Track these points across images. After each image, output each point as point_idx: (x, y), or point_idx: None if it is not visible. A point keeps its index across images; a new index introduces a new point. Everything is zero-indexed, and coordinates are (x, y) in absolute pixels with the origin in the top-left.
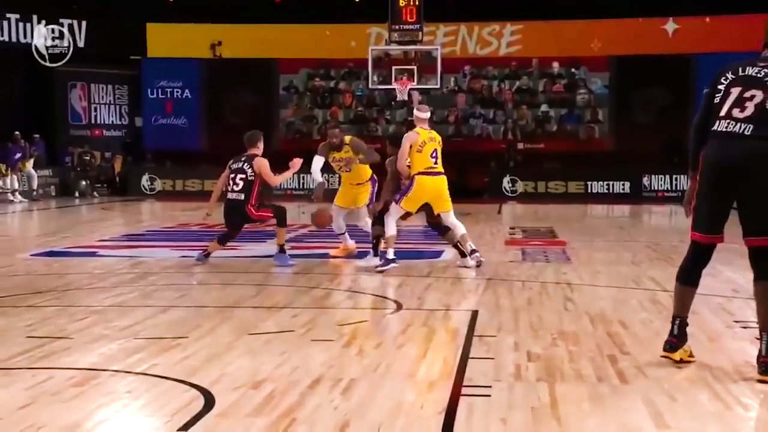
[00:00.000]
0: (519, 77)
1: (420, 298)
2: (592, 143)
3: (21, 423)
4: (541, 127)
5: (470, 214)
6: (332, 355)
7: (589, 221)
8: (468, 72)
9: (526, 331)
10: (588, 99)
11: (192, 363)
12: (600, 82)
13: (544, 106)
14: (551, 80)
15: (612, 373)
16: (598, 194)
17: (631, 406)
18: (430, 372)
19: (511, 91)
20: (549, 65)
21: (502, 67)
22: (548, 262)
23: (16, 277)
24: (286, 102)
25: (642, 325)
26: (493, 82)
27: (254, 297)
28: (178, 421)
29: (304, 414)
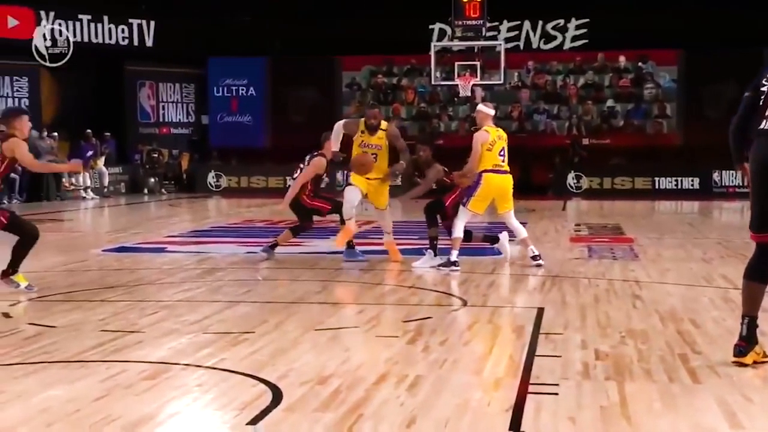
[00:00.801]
0: (584, 72)
1: (485, 295)
2: (659, 138)
3: (96, 414)
4: (606, 123)
5: (534, 210)
6: (397, 352)
7: (657, 218)
8: (532, 67)
9: (593, 329)
10: (656, 93)
11: (259, 358)
12: (668, 76)
13: (610, 101)
14: (617, 75)
15: (683, 372)
16: (666, 190)
17: (704, 406)
18: (497, 369)
19: (576, 86)
20: (615, 59)
21: (566, 62)
22: (615, 259)
23: (89, 272)
24: (349, 99)
25: (714, 323)
26: (557, 78)
27: (319, 293)
28: (247, 416)
29: (371, 410)
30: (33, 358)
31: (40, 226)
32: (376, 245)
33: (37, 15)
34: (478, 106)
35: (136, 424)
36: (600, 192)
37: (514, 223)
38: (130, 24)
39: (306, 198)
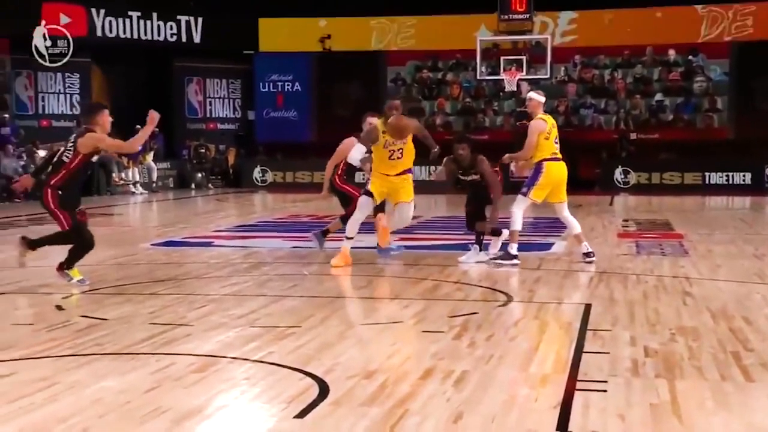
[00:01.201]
0: (632, 66)
1: (531, 291)
2: (710, 132)
3: (147, 406)
4: (655, 117)
5: (581, 205)
6: (443, 347)
7: (707, 213)
8: (579, 61)
9: (642, 326)
10: (706, 87)
11: (306, 352)
12: (719, 69)
13: (659, 95)
14: (667, 68)
15: (736, 370)
16: (717, 185)
17: (758, 405)
18: (544, 365)
19: (624, 80)
20: (665, 53)
21: (614, 56)
22: (664, 255)
23: (138, 266)
24: (394, 94)
25: (767, 320)
26: (604, 72)
27: (365, 287)
28: (294, 409)
29: (417, 405)
30: (85, 350)
31: (91, 220)
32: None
33: (88, 12)
34: (529, 93)
35: (185, 416)
36: (648, 187)
37: (568, 216)
38: (179, 20)
39: (337, 179)
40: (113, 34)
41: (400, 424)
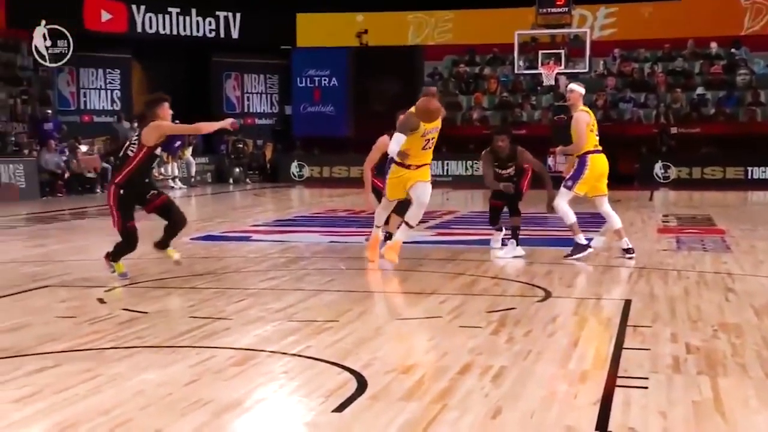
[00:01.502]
0: (673, 59)
1: (569, 286)
2: (753, 126)
3: (188, 398)
4: (696, 111)
5: (620, 200)
6: (481, 342)
7: (750, 208)
8: (618, 55)
9: (683, 322)
10: (749, 80)
11: (344, 346)
12: (762, 62)
13: (700, 88)
14: (708, 61)
15: None
16: (760, 180)
17: None
18: (583, 361)
19: (664, 74)
20: (706, 45)
21: (654, 49)
22: (706, 251)
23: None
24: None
25: None
26: (644, 65)
27: (402, 282)
28: (333, 403)
29: (455, 400)
30: (127, 343)
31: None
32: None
33: (128, 8)
34: (570, 85)
35: (225, 409)
36: (689, 182)
37: (609, 210)
38: (217, 16)
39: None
40: (153, 30)
41: (438, 419)
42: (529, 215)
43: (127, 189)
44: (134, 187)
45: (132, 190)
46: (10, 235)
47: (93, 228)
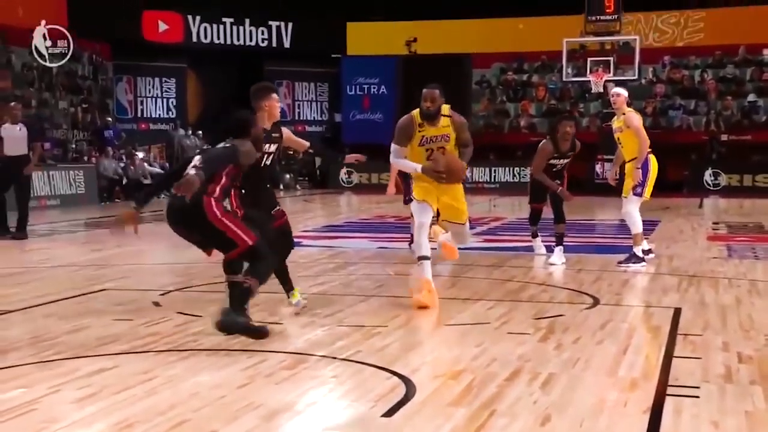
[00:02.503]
0: (724, 66)
1: (618, 294)
2: None
3: (241, 401)
4: (747, 118)
5: (669, 208)
6: (529, 349)
7: None
8: (668, 62)
9: (735, 331)
10: None
11: (392, 351)
12: None
13: (751, 95)
14: (760, 68)
15: None
16: None
17: None
18: (633, 369)
19: (715, 81)
20: (759, 52)
21: (705, 56)
22: (757, 259)
23: None
24: (479, 96)
25: None
26: (694, 72)
27: (450, 288)
28: (382, 408)
29: (504, 406)
30: (182, 346)
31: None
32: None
33: (185, 19)
34: (615, 89)
35: (276, 412)
36: (740, 189)
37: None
38: (270, 26)
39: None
40: (208, 40)
41: (487, 425)
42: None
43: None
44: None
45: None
46: (70, 239)
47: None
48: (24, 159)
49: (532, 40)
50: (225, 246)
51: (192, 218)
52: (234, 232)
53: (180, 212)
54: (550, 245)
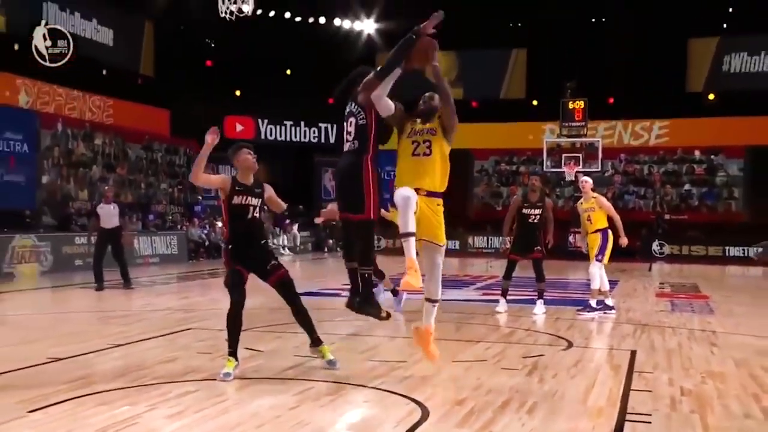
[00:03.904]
0: (666, 162)
1: (587, 338)
2: (729, 215)
3: (293, 420)
4: (684, 202)
5: (625, 270)
6: (518, 382)
7: (728, 280)
8: (623, 158)
9: (678, 370)
10: (725, 180)
11: (411, 382)
12: (736, 166)
13: (687, 185)
14: (692, 165)
15: (756, 409)
16: (735, 257)
17: None
18: (599, 399)
19: (659, 174)
20: (692, 153)
21: (651, 155)
22: (694, 312)
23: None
24: (479, 181)
25: None
26: (644, 166)
27: (456, 332)
28: (403, 427)
29: (498, 427)
30: (247, 375)
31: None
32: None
33: (255, 122)
34: (583, 177)
35: (321, 429)
36: (679, 257)
37: (597, 273)
38: (320, 127)
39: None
40: (273, 137)
41: None
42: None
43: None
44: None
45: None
46: (166, 289)
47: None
48: (117, 230)
49: (520, 139)
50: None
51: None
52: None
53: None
54: (533, 299)
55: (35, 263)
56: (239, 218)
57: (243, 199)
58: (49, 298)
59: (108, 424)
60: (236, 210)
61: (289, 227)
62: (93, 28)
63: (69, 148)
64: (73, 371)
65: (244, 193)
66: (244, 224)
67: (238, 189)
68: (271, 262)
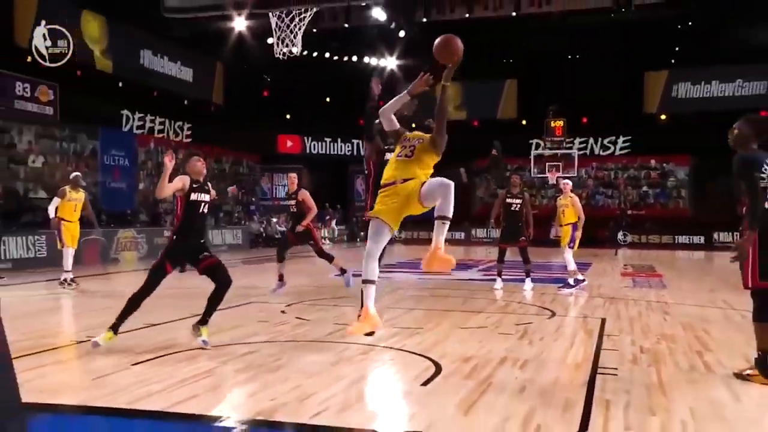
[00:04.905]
0: (628, 169)
1: (566, 309)
2: (677, 211)
3: (333, 374)
4: (643, 201)
5: (597, 255)
6: (512, 344)
7: (677, 262)
8: (594, 166)
9: (638, 333)
10: (675, 183)
11: (427, 344)
12: (683, 172)
13: (645, 187)
14: (649, 171)
15: (699, 363)
16: (683, 244)
17: (715, 386)
18: (576, 357)
19: (623, 178)
20: (648, 162)
21: (616, 163)
22: (651, 287)
23: (326, 288)
24: (480, 185)
25: (719, 331)
26: (610, 172)
27: (462, 305)
28: (420, 379)
29: (497, 380)
30: (297, 338)
31: (301, 261)
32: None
33: (302, 139)
34: (563, 180)
35: (355, 381)
36: (639, 244)
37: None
38: (353, 142)
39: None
40: (316, 151)
41: (487, 390)
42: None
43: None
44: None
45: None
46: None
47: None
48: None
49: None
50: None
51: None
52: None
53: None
54: (523, 278)
55: (134, 251)
56: (193, 212)
57: (198, 196)
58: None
59: (192, 375)
60: (192, 205)
61: (328, 222)
62: (177, 68)
63: (158, 161)
64: (163, 334)
65: (198, 191)
66: (196, 218)
67: (195, 186)
68: (203, 254)
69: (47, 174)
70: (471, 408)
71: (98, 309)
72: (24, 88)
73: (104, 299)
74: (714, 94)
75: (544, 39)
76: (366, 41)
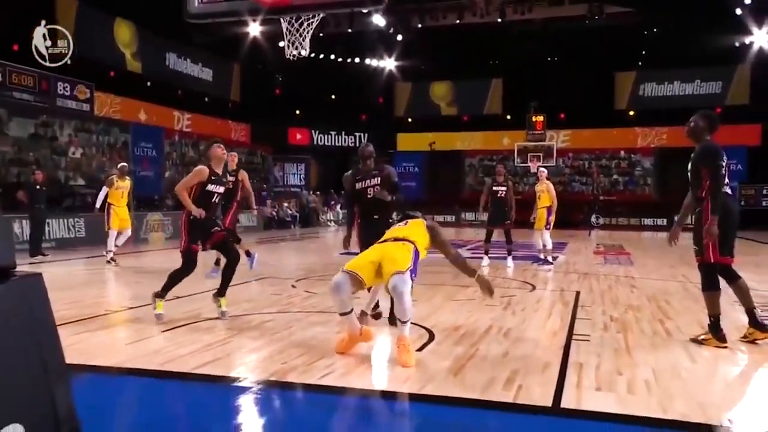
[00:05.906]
0: (600, 159)
1: (545, 283)
2: (644, 197)
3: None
4: (613, 187)
5: (573, 236)
6: (498, 314)
7: (643, 242)
8: (571, 156)
9: (608, 304)
10: (641, 172)
11: (421, 313)
12: (648, 162)
13: (615, 175)
14: (619, 161)
15: (662, 330)
16: (648, 225)
17: (674, 349)
18: (554, 325)
19: (596, 167)
20: (618, 153)
21: (590, 154)
22: (620, 264)
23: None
24: (468, 173)
25: (679, 302)
26: (585, 162)
27: (452, 279)
28: (416, 345)
29: (483, 345)
30: (306, 309)
31: (310, 241)
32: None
33: (310, 132)
34: (542, 169)
35: (360, 346)
36: (610, 226)
37: (547, 238)
38: (355, 135)
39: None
40: (322, 143)
41: (475, 355)
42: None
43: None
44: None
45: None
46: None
47: (288, 247)
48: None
49: (498, 143)
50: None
51: None
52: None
53: None
54: (505, 256)
55: (161, 232)
56: (206, 200)
57: (214, 187)
58: (172, 256)
59: (214, 341)
60: (206, 194)
61: (333, 207)
62: (199, 69)
63: (182, 152)
64: (188, 305)
65: (215, 183)
66: (208, 204)
67: (213, 178)
68: (214, 228)
69: (85, 164)
70: (461, 370)
71: (131, 283)
72: (64, 87)
73: (136, 274)
74: (676, 92)
75: (526, 43)
76: (367, 44)
